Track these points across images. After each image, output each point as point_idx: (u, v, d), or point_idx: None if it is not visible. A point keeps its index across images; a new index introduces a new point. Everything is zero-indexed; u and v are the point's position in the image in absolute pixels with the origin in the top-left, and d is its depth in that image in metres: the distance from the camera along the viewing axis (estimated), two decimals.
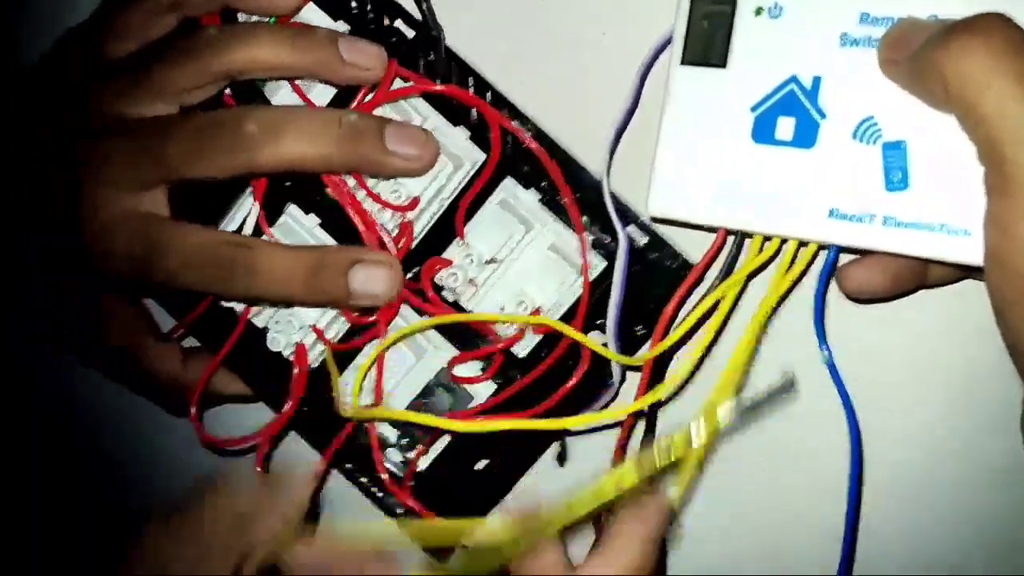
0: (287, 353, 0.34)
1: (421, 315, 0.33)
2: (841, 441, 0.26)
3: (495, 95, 0.32)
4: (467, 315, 0.32)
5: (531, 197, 0.32)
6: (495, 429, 0.30)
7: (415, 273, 0.33)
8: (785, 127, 0.26)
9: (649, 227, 0.31)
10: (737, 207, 0.27)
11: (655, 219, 0.28)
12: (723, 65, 0.27)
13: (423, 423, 0.31)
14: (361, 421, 0.33)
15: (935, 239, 0.24)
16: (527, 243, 0.32)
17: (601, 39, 0.33)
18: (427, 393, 0.34)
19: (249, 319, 0.34)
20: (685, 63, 0.28)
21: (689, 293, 0.30)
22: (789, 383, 0.26)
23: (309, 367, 0.34)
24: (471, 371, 0.33)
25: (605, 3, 0.33)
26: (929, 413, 0.32)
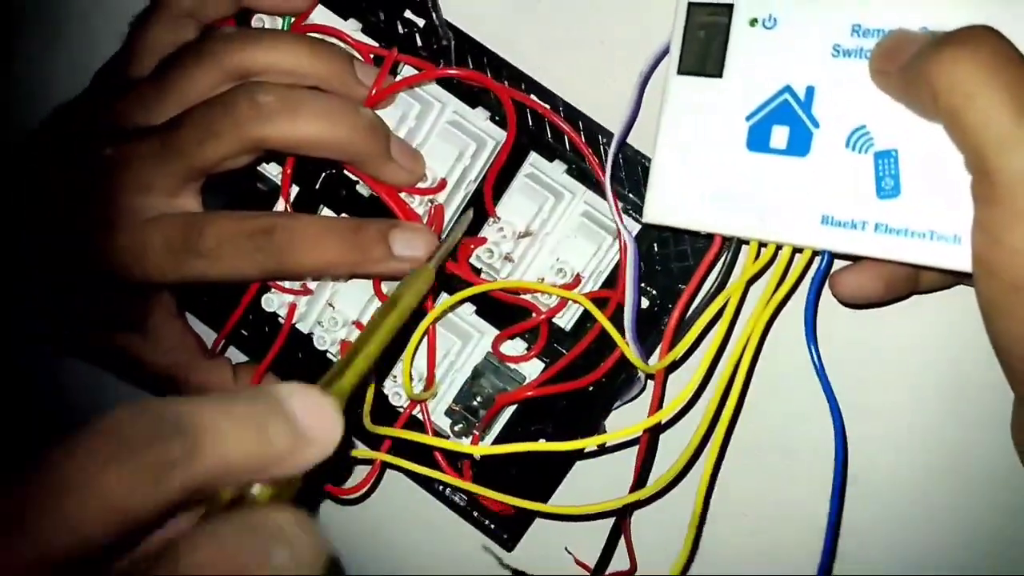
0: (334, 351, 0.35)
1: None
2: (830, 444, 0.27)
3: (510, 71, 0.32)
4: (505, 282, 0.32)
5: (557, 168, 0.32)
6: (512, 452, 0.30)
7: (452, 256, 0.33)
8: (779, 136, 0.27)
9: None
10: (732, 214, 0.27)
11: (651, 225, 0.29)
12: (719, 75, 0.27)
13: (436, 446, 0.32)
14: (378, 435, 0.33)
15: (926, 246, 0.24)
16: (559, 213, 0.33)
17: (599, 46, 0.34)
18: (476, 376, 0.34)
19: (294, 324, 0.35)
20: (681, 73, 0.28)
21: (692, 298, 0.30)
22: None
23: None
24: (517, 350, 0.34)
25: (603, 11, 0.33)
26: (920, 417, 0.32)
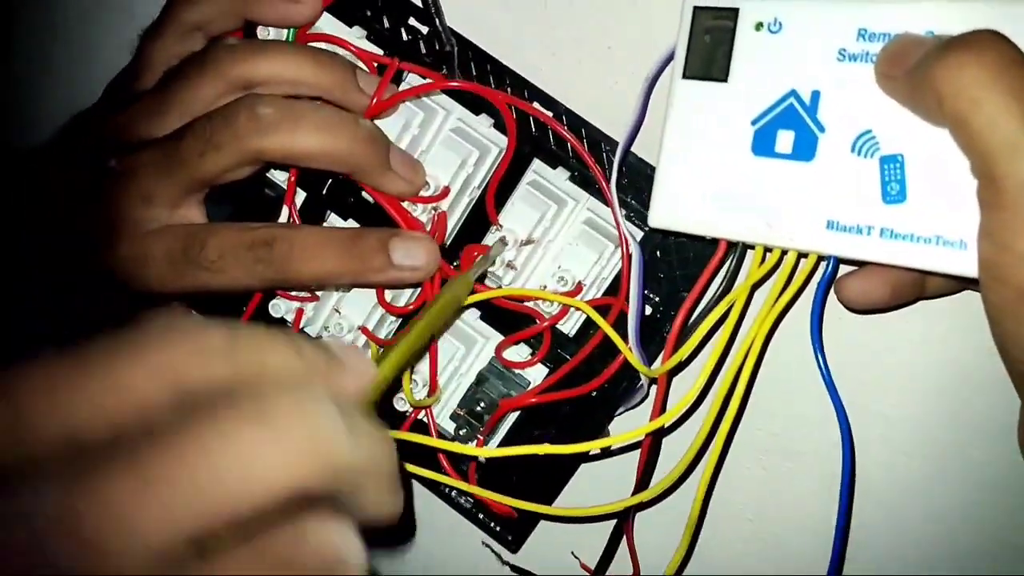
0: None
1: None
2: (837, 448, 0.27)
3: (513, 78, 0.32)
4: (508, 290, 0.33)
5: (560, 175, 0.32)
6: (516, 454, 0.31)
7: (455, 266, 0.33)
8: (784, 140, 0.27)
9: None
10: (737, 219, 0.27)
11: (656, 230, 0.29)
12: (724, 79, 0.27)
13: (441, 448, 0.32)
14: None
15: (931, 251, 0.24)
16: (562, 221, 0.33)
17: (606, 51, 0.34)
18: (480, 381, 0.34)
19: (301, 329, 0.35)
20: (687, 77, 0.28)
21: (696, 304, 0.30)
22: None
23: None
24: (521, 355, 0.34)
25: (610, 16, 0.33)
26: (925, 422, 0.32)
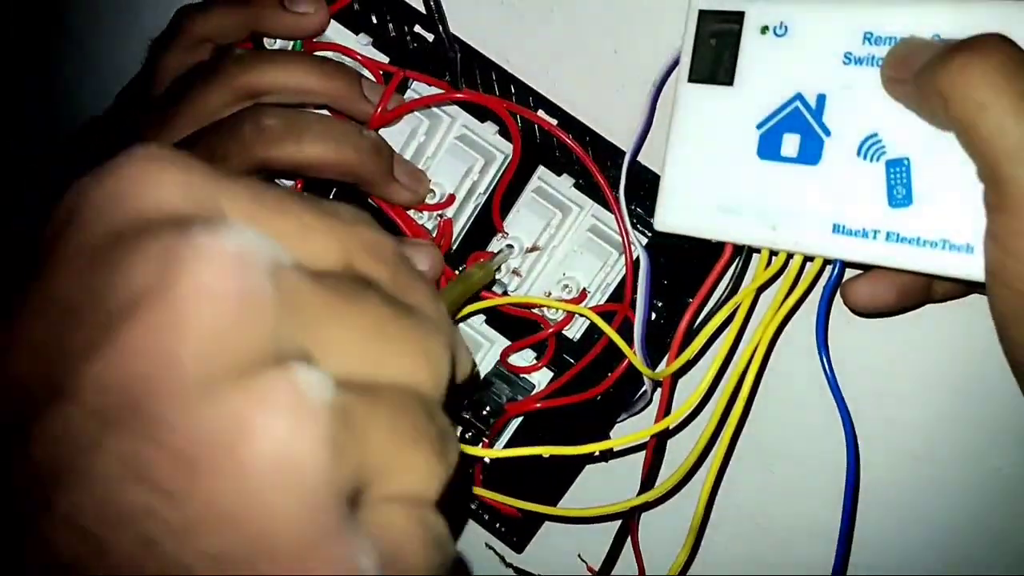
0: None
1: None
2: (843, 451, 0.27)
3: (518, 86, 0.32)
4: (513, 298, 0.33)
5: (565, 182, 0.33)
6: (521, 455, 0.31)
7: (460, 271, 0.33)
8: (790, 144, 0.26)
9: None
10: (743, 222, 0.27)
11: (662, 234, 0.29)
12: (730, 83, 0.27)
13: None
14: None
15: (938, 255, 0.24)
16: (567, 228, 0.33)
17: (613, 56, 0.34)
18: (487, 386, 0.34)
19: None
20: (692, 81, 0.28)
21: (701, 307, 0.30)
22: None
23: None
24: (526, 360, 0.34)
25: (617, 21, 0.33)
26: (933, 427, 0.32)
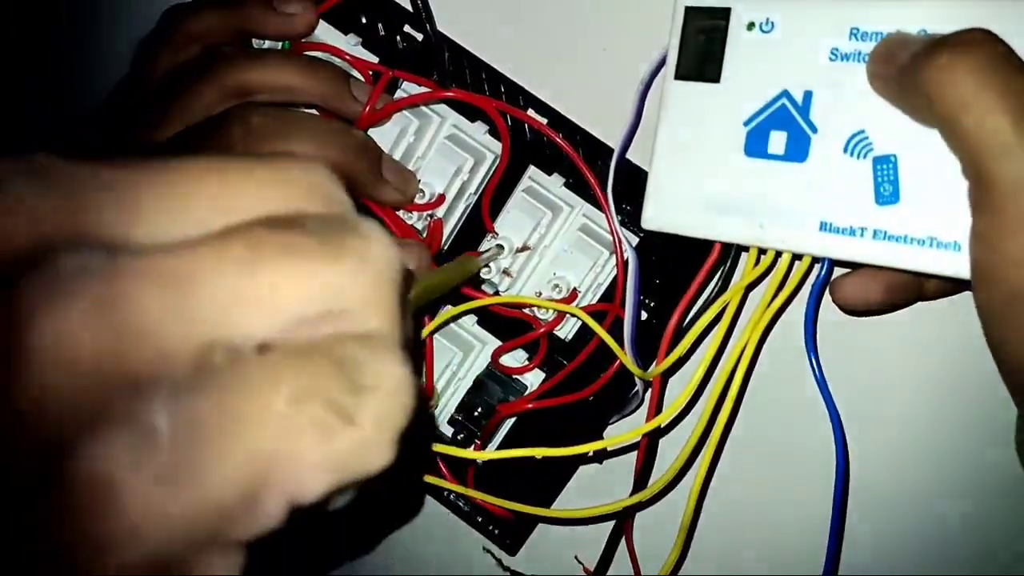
0: None
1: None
2: (832, 452, 0.26)
3: (508, 85, 0.32)
4: (504, 298, 0.33)
5: (556, 181, 0.32)
6: (513, 456, 0.31)
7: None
8: (777, 141, 0.26)
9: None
10: (730, 220, 0.27)
11: (650, 232, 0.29)
12: (716, 80, 0.27)
13: (439, 452, 0.32)
14: None
15: (925, 253, 0.24)
16: (557, 228, 0.33)
17: (602, 54, 0.34)
18: (478, 387, 0.34)
19: None
20: (679, 78, 0.28)
21: (690, 306, 0.30)
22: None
23: None
24: (518, 361, 0.34)
25: (606, 18, 0.33)
26: (922, 426, 0.31)
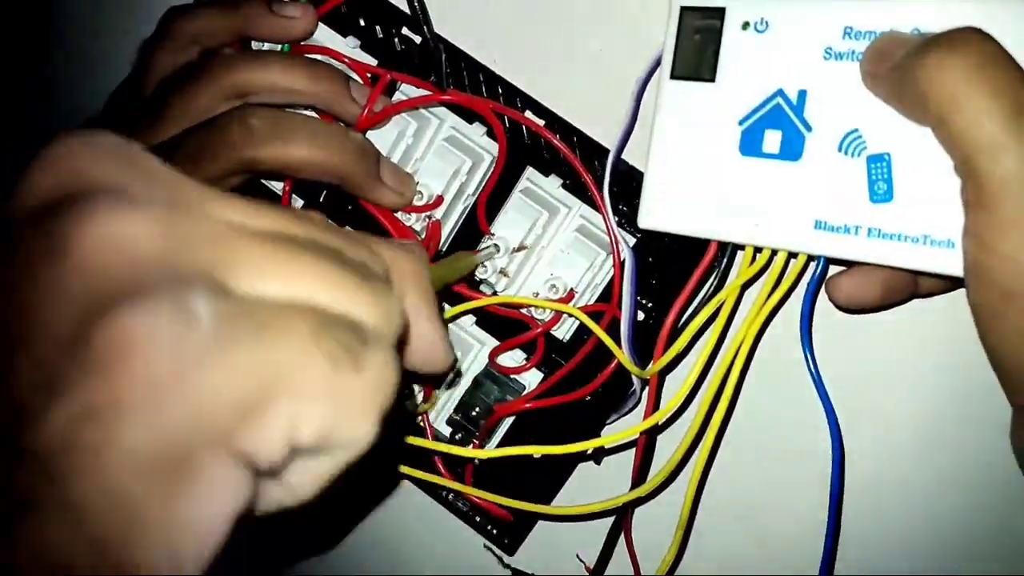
0: None
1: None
2: (828, 449, 0.27)
3: (505, 86, 0.32)
4: (501, 298, 0.33)
5: (553, 183, 0.32)
6: (511, 455, 0.31)
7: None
8: (772, 140, 0.26)
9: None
10: (726, 219, 0.27)
11: (646, 231, 0.29)
12: (712, 79, 0.27)
13: (437, 450, 0.32)
14: None
15: (919, 251, 0.24)
16: (554, 228, 0.33)
17: (598, 55, 0.34)
18: (477, 387, 0.34)
19: None
20: (675, 78, 0.28)
21: (687, 305, 0.30)
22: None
23: None
24: (516, 360, 0.34)
25: (602, 20, 0.33)
26: (918, 423, 0.31)
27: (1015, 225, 0.20)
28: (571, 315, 0.32)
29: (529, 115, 0.32)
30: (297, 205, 0.35)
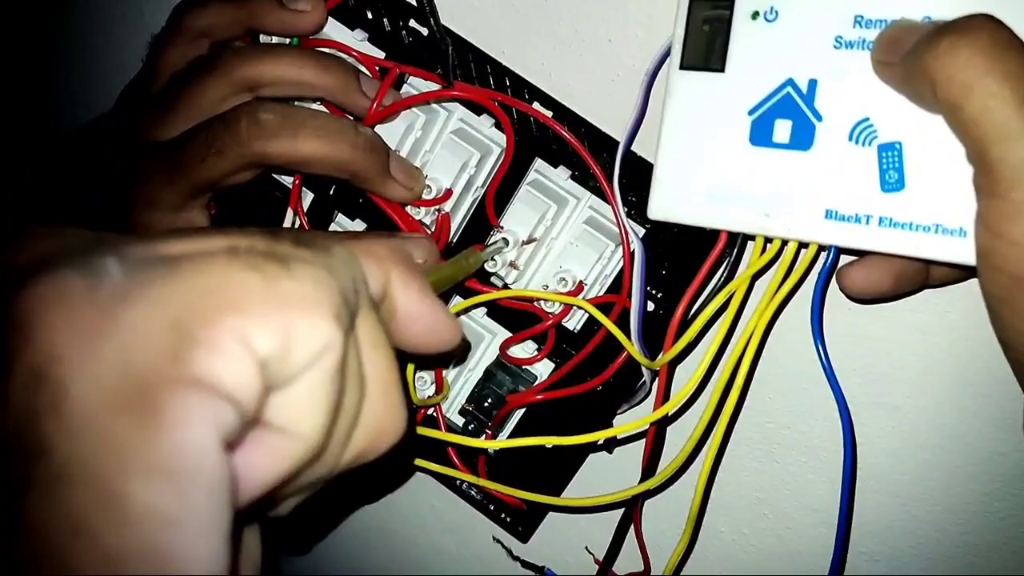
0: None
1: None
2: (839, 439, 0.27)
3: (513, 78, 0.32)
4: (511, 291, 0.33)
5: (562, 174, 0.32)
6: (522, 445, 0.31)
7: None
8: (782, 130, 0.26)
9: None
10: (736, 209, 0.27)
11: (655, 222, 0.29)
12: (721, 69, 0.27)
13: (449, 441, 0.33)
14: None
15: (931, 240, 0.24)
16: (564, 220, 0.33)
17: (607, 44, 0.34)
18: (489, 378, 0.34)
19: None
20: (684, 68, 0.28)
21: (697, 295, 0.30)
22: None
23: None
24: (527, 352, 0.34)
25: (611, 9, 0.33)
26: (930, 412, 0.31)
27: None
28: (581, 308, 0.32)
29: (537, 107, 0.32)
30: (307, 199, 0.35)
